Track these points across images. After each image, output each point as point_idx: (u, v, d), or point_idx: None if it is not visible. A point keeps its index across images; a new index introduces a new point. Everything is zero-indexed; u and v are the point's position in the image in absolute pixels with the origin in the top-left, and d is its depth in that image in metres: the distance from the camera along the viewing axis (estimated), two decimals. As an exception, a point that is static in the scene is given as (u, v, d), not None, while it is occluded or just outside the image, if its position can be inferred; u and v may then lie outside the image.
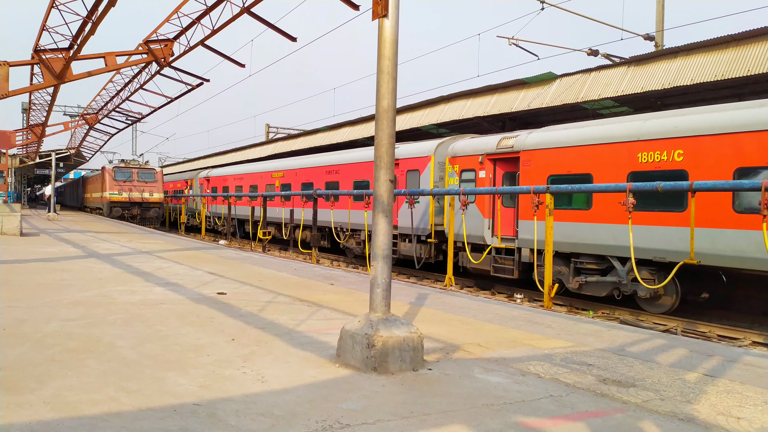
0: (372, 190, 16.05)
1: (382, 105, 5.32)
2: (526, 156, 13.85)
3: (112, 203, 38.88)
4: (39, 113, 29.90)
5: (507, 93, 18.98)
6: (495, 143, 14.78)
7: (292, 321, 7.02)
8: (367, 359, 4.92)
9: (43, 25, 14.84)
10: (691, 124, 10.89)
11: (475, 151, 15.39)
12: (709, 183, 9.06)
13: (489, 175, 15.08)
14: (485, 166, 15.11)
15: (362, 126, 26.70)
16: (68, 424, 3.54)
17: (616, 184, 10.51)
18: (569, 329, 7.29)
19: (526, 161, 13.81)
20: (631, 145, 11.69)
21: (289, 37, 16.11)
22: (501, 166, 15.00)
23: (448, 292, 10.98)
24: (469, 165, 15.58)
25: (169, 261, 13.78)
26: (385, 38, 5.28)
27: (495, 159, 14.96)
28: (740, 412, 4.23)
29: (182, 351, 5.43)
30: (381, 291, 5.22)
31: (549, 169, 13.25)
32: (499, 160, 14.93)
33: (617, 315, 12.12)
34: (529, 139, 13.89)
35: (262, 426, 3.66)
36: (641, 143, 11.52)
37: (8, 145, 25.28)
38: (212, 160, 47.31)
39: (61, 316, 6.83)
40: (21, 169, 48.66)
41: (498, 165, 15.02)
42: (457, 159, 15.95)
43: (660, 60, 14.89)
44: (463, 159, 15.75)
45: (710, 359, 5.90)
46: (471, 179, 15.50)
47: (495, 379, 4.89)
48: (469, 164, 15.56)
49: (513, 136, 14.43)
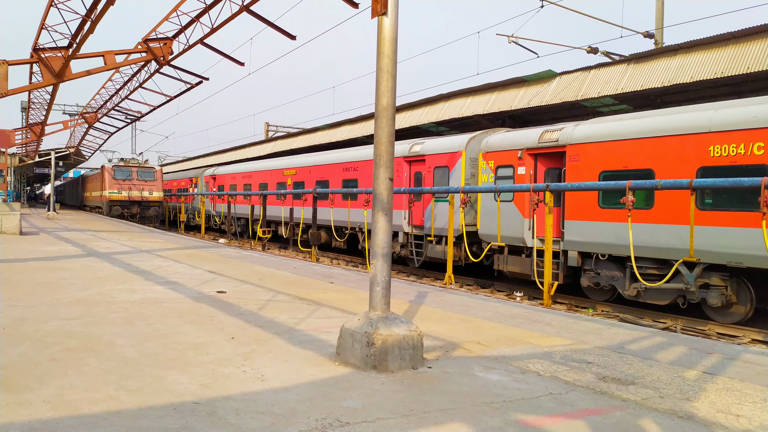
0: (396, 189, 14.95)
1: (381, 103, 5.32)
2: (573, 150, 12.65)
3: (112, 202, 38.89)
4: (38, 112, 29.89)
5: (507, 91, 18.98)
6: (537, 137, 13.63)
7: (291, 319, 7.03)
8: (367, 357, 4.93)
9: (42, 24, 14.83)
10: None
11: (514, 146, 14.23)
12: (708, 180, 9.05)
13: (529, 171, 13.88)
14: (525, 161, 13.90)
15: (362, 124, 26.69)
16: (68, 423, 3.54)
17: (615, 182, 10.48)
18: (569, 327, 7.29)
19: (574, 156, 12.63)
20: (700, 137, 10.54)
21: (289, 36, 16.10)
22: (543, 162, 13.84)
23: (448, 290, 10.99)
24: (506, 161, 14.43)
25: (168, 260, 13.78)
26: (385, 36, 5.28)
27: (536, 154, 13.77)
28: (740, 410, 4.24)
29: (182, 349, 5.43)
30: (380, 289, 5.22)
31: (601, 164, 12.09)
32: (540, 155, 13.74)
33: (617, 313, 12.13)
34: (577, 132, 12.74)
35: (262, 424, 3.67)
36: (713, 135, 10.37)
37: (7, 144, 25.28)
38: (211, 159, 47.33)
39: (61, 315, 6.84)
40: (20, 168, 48.63)
41: (539, 160, 13.84)
42: (492, 154, 14.81)
43: (660, 58, 14.89)
44: (499, 154, 14.60)
45: (710, 357, 5.90)
46: (508, 176, 14.36)
47: (495, 377, 4.90)
48: (506, 160, 14.41)
49: (557, 129, 13.36)
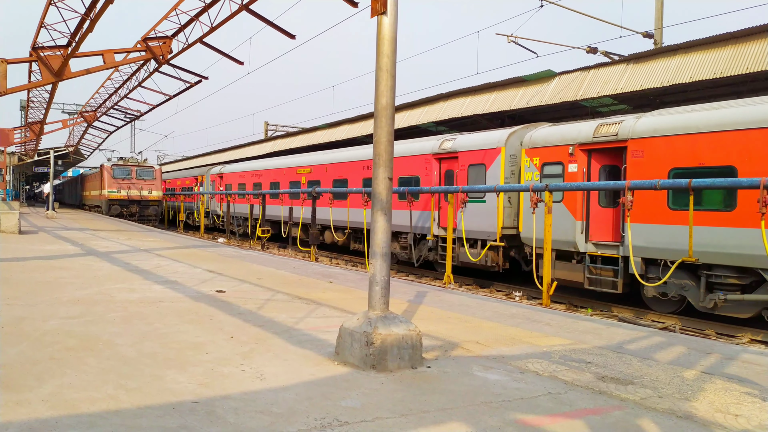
0: (427, 188, 14.38)
1: (381, 102, 5.31)
2: (636, 145, 11.55)
3: (111, 201, 38.86)
4: (37, 111, 29.86)
5: (506, 90, 18.98)
6: (591, 131, 12.54)
7: (290, 319, 7.02)
8: (366, 357, 4.93)
9: (41, 23, 14.82)
10: None
11: (564, 141, 13.07)
12: (708, 180, 9.05)
13: (582, 168, 12.73)
14: (577, 157, 12.77)
15: (361, 124, 26.70)
16: (67, 422, 3.54)
17: (615, 182, 10.47)
18: (568, 327, 7.30)
19: (637, 152, 11.55)
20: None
21: (288, 35, 16.09)
22: (598, 159, 12.76)
23: (447, 290, 10.99)
24: (553, 157, 13.30)
25: (167, 259, 13.77)
26: (384, 35, 5.27)
27: (590, 150, 12.67)
28: (738, 410, 4.24)
29: (181, 349, 5.43)
30: (380, 289, 5.22)
31: (670, 160, 11.01)
32: (595, 150, 12.63)
33: (616, 313, 12.13)
34: (640, 125, 11.63)
35: (261, 423, 3.67)
36: None
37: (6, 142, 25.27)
38: (211, 158, 47.34)
39: (60, 314, 6.83)
40: (19, 166, 48.59)
41: (594, 157, 12.75)
42: (537, 150, 13.69)
43: (659, 58, 14.90)
44: (546, 150, 13.46)
45: (708, 357, 5.91)
46: (557, 174, 13.22)
47: (493, 376, 4.90)
48: (555, 156, 13.28)
49: (616, 122, 12.28)
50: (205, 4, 15.09)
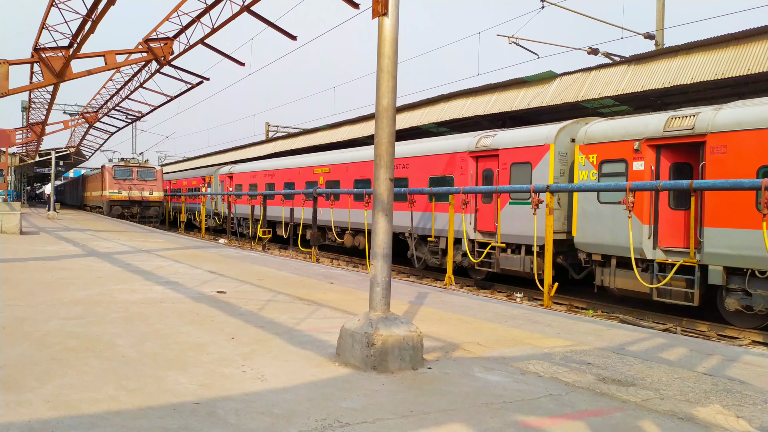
0: (460, 188, 13.36)
1: (382, 104, 5.32)
2: (717, 140, 10.32)
3: (112, 202, 38.91)
4: (39, 112, 29.93)
5: (507, 92, 18.99)
6: (661, 124, 11.30)
7: (291, 320, 7.02)
8: (367, 358, 4.92)
9: (43, 24, 14.84)
10: None
11: (627, 136, 11.80)
12: (709, 182, 9.05)
13: (650, 166, 11.44)
14: (644, 154, 11.49)
15: (362, 125, 26.72)
16: (68, 423, 3.54)
17: (615, 183, 10.46)
18: (569, 328, 7.29)
19: (718, 147, 10.31)
20: None
21: (289, 36, 16.11)
22: (668, 155, 11.47)
23: (448, 291, 10.98)
24: (615, 154, 12.06)
25: (168, 259, 13.78)
26: (385, 37, 5.28)
27: (659, 145, 11.41)
28: (740, 411, 4.23)
29: (182, 350, 5.43)
30: (381, 290, 5.22)
31: (760, 157, 9.82)
32: (665, 146, 11.38)
33: (617, 314, 12.12)
34: (721, 117, 10.41)
35: (262, 424, 3.66)
36: None
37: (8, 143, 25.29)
38: (212, 159, 47.46)
39: (61, 314, 6.83)
40: (21, 167, 48.65)
41: (663, 153, 11.47)
42: (594, 147, 12.46)
43: (660, 59, 14.89)
44: (606, 146, 12.23)
45: (710, 358, 5.90)
46: (619, 173, 11.95)
47: (495, 378, 4.89)
48: (616, 153, 12.02)
49: (690, 114, 11.01)
50: (206, 6, 15.11)
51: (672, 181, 9.57)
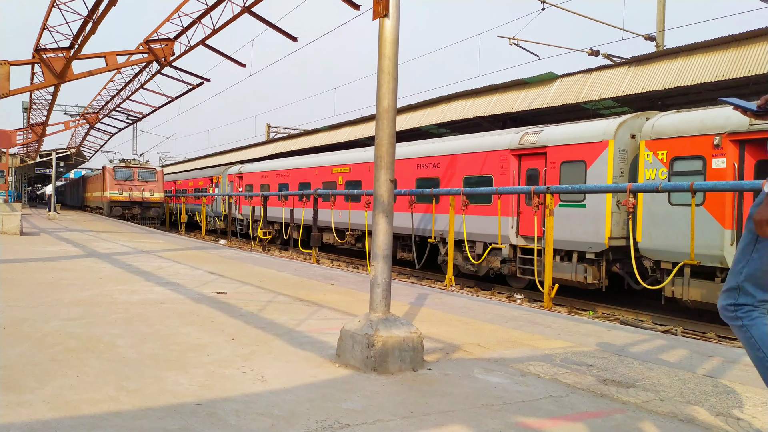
0: (496, 189, 12.84)
1: (382, 105, 5.32)
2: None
3: (113, 203, 38.95)
4: (39, 112, 29.94)
5: (508, 93, 19.00)
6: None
7: (292, 321, 7.02)
8: (367, 359, 4.92)
9: (43, 25, 14.86)
10: None
11: (705, 130, 10.88)
12: (709, 183, 9.05)
13: (732, 163, 10.56)
14: (725, 150, 10.56)
15: (363, 126, 26.75)
16: (68, 424, 3.54)
17: (617, 185, 10.44)
18: (569, 329, 7.28)
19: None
20: None
21: (290, 37, 16.12)
22: (753, 152, 10.58)
23: (449, 293, 10.98)
24: (690, 150, 11.12)
25: (169, 260, 13.78)
26: (386, 38, 5.28)
27: (743, 140, 10.57)
28: (740, 413, 4.23)
29: (182, 350, 5.43)
30: (381, 291, 5.22)
31: None
32: (751, 141, 10.52)
33: (617, 315, 12.11)
34: None
35: (262, 426, 3.66)
36: None
37: (9, 144, 25.32)
38: (213, 160, 47.54)
39: (62, 315, 6.83)
40: (21, 168, 48.67)
41: (748, 150, 10.60)
42: (664, 142, 11.47)
43: (661, 60, 14.90)
44: (678, 142, 11.26)
45: (710, 360, 5.89)
46: (694, 171, 11.00)
47: (495, 379, 4.89)
48: (691, 149, 11.09)
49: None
50: (207, 7, 15.13)
51: (672, 183, 9.56)
